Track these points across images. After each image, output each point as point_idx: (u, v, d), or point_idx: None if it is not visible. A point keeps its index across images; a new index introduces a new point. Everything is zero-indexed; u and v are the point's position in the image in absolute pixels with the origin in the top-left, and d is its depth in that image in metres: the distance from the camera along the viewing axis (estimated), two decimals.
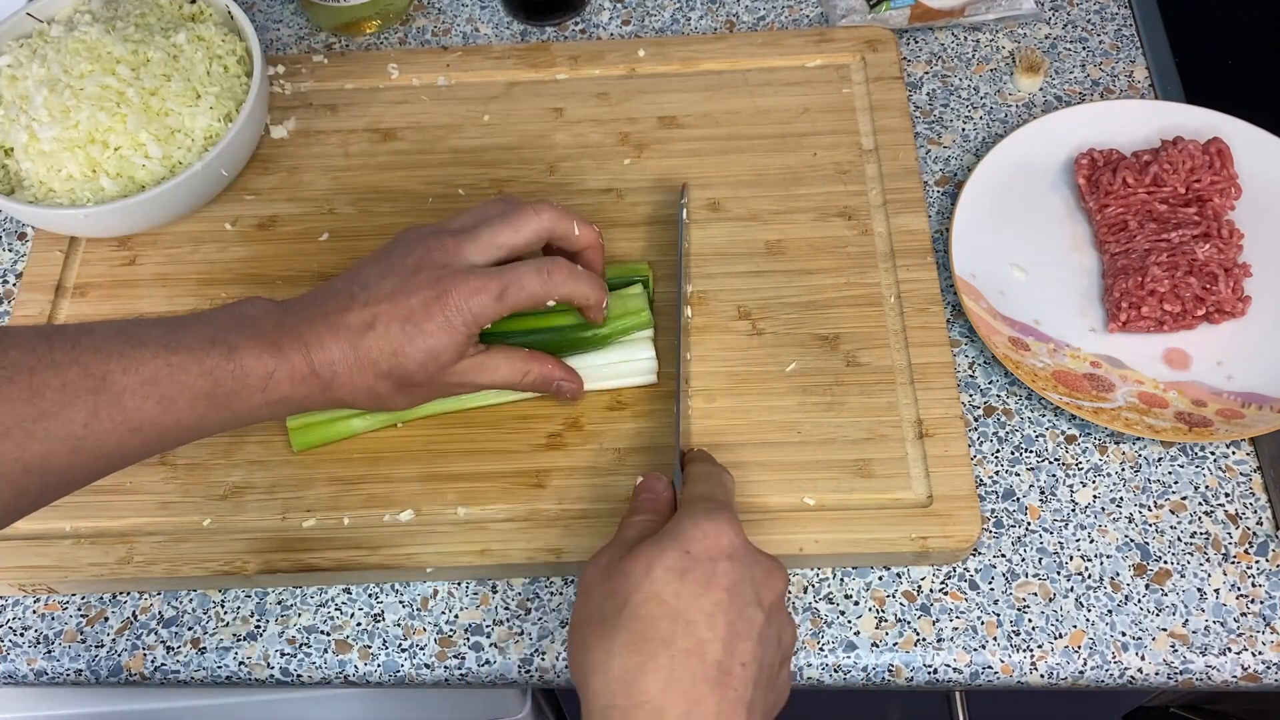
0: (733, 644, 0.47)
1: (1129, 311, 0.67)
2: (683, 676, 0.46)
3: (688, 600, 0.48)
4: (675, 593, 0.48)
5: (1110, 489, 0.65)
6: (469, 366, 0.59)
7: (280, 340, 0.55)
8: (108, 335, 0.52)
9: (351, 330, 0.56)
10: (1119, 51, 0.83)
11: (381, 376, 0.57)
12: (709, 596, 0.48)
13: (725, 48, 0.81)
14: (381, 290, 0.57)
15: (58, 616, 0.64)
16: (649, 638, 0.47)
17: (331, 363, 0.56)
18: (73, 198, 0.71)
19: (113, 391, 0.50)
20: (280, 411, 0.57)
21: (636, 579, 0.49)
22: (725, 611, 0.48)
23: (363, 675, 0.62)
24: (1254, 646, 0.60)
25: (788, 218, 0.73)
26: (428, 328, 0.56)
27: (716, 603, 0.48)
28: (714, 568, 0.49)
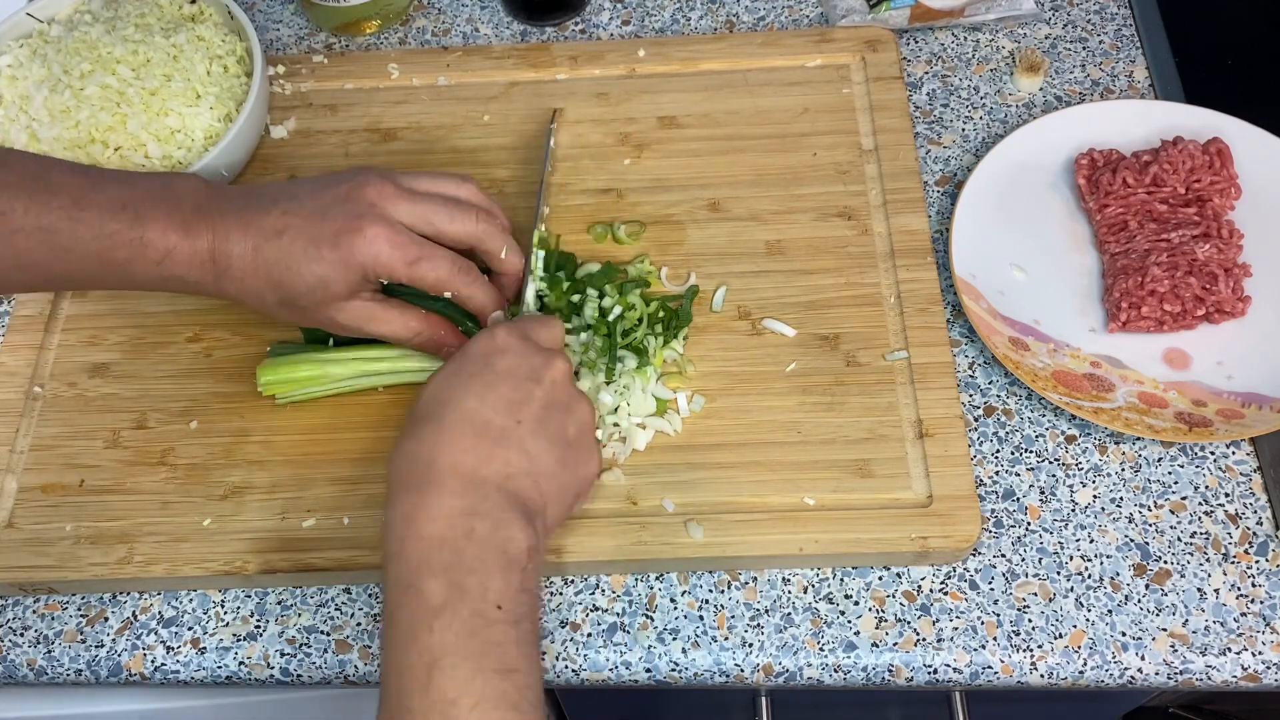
0: (506, 409, 0.53)
1: (1129, 311, 0.67)
2: (450, 436, 0.52)
3: (460, 386, 0.54)
4: (449, 388, 0.54)
5: (1110, 489, 0.65)
6: (360, 309, 0.61)
7: (192, 222, 0.57)
8: (24, 174, 0.57)
9: (261, 232, 0.58)
10: (1119, 51, 0.83)
11: (272, 285, 0.58)
12: (481, 379, 0.54)
13: (725, 48, 0.81)
14: (304, 205, 0.58)
15: (58, 616, 0.64)
16: (422, 420, 0.53)
17: (230, 255, 0.57)
18: None
19: (6, 229, 0.54)
20: (173, 286, 0.59)
21: (419, 395, 0.55)
22: (497, 387, 0.54)
23: (363, 675, 0.62)
24: (1254, 646, 0.60)
25: (788, 218, 0.73)
26: (328, 255, 0.57)
27: (487, 383, 0.54)
28: (485, 360, 0.55)
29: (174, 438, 0.67)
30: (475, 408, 0.53)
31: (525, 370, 0.55)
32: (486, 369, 0.54)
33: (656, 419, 0.65)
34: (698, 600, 0.62)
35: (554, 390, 0.56)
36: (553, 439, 0.54)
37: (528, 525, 0.52)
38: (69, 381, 0.69)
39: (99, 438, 0.67)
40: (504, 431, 0.53)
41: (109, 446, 0.67)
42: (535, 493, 0.53)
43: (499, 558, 0.50)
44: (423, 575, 0.49)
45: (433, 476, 0.51)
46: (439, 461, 0.51)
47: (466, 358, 0.55)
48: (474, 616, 0.48)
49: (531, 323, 0.59)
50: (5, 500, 0.65)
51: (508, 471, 0.52)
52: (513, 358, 0.55)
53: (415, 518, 0.50)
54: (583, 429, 0.57)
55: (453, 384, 0.54)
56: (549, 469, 0.54)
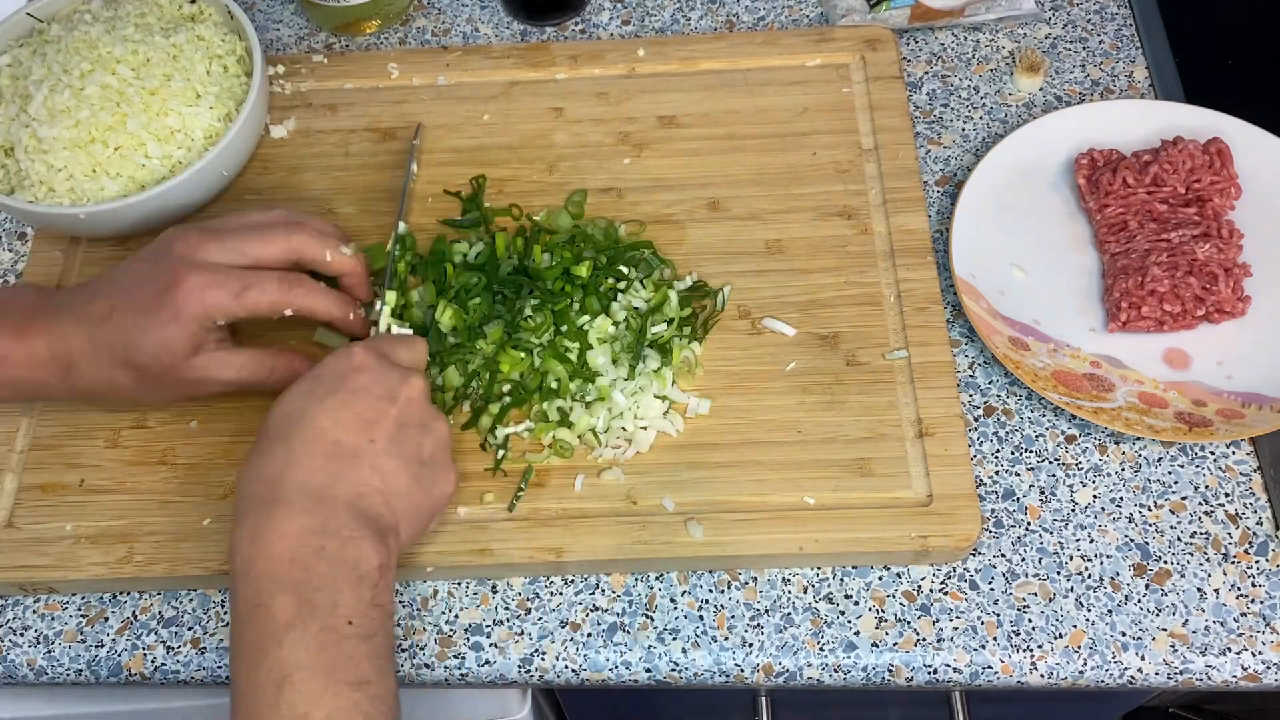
0: (359, 427, 0.53)
1: (1129, 311, 0.67)
2: (300, 455, 0.52)
3: (314, 405, 0.54)
4: (301, 407, 0.54)
5: (1110, 489, 0.65)
6: (209, 362, 0.61)
7: (26, 327, 0.58)
8: None
9: (92, 320, 0.58)
10: (1119, 51, 0.83)
11: (119, 365, 0.59)
12: (334, 398, 0.54)
13: (725, 47, 0.81)
14: (122, 282, 0.59)
15: (58, 616, 0.64)
16: (272, 439, 0.53)
17: (70, 351, 0.58)
18: (73, 197, 0.71)
19: None
20: (21, 393, 0.60)
21: (271, 411, 0.55)
22: (351, 406, 0.54)
23: None
24: (1254, 646, 0.60)
25: (787, 217, 0.73)
26: (159, 317, 0.58)
27: (341, 401, 0.54)
28: (339, 378, 0.55)
29: (174, 437, 0.67)
30: (327, 426, 0.53)
31: (380, 389, 0.55)
32: (341, 387, 0.54)
33: (659, 419, 0.65)
34: (698, 600, 0.62)
35: (409, 409, 0.55)
36: (407, 458, 0.55)
37: (379, 542, 0.52)
38: None
39: (99, 437, 0.67)
40: (356, 450, 0.53)
41: (109, 446, 0.67)
42: (387, 510, 0.53)
43: (349, 574, 0.50)
44: (272, 593, 0.49)
45: (281, 495, 0.51)
46: (287, 480, 0.51)
47: (321, 376, 0.55)
48: (324, 631, 0.48)
49: (391, 342, 0.60)
50: (5, 500, 0.65)
51: (359, 490, 0.52)
52: (368, 376, 0.55)
53: (263, 536, 0.50)
54: (438, 447, 0.57)
55: (305, 402, 0.54)
56: (402, 488, 0.54)
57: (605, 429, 0.64)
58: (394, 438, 0.54)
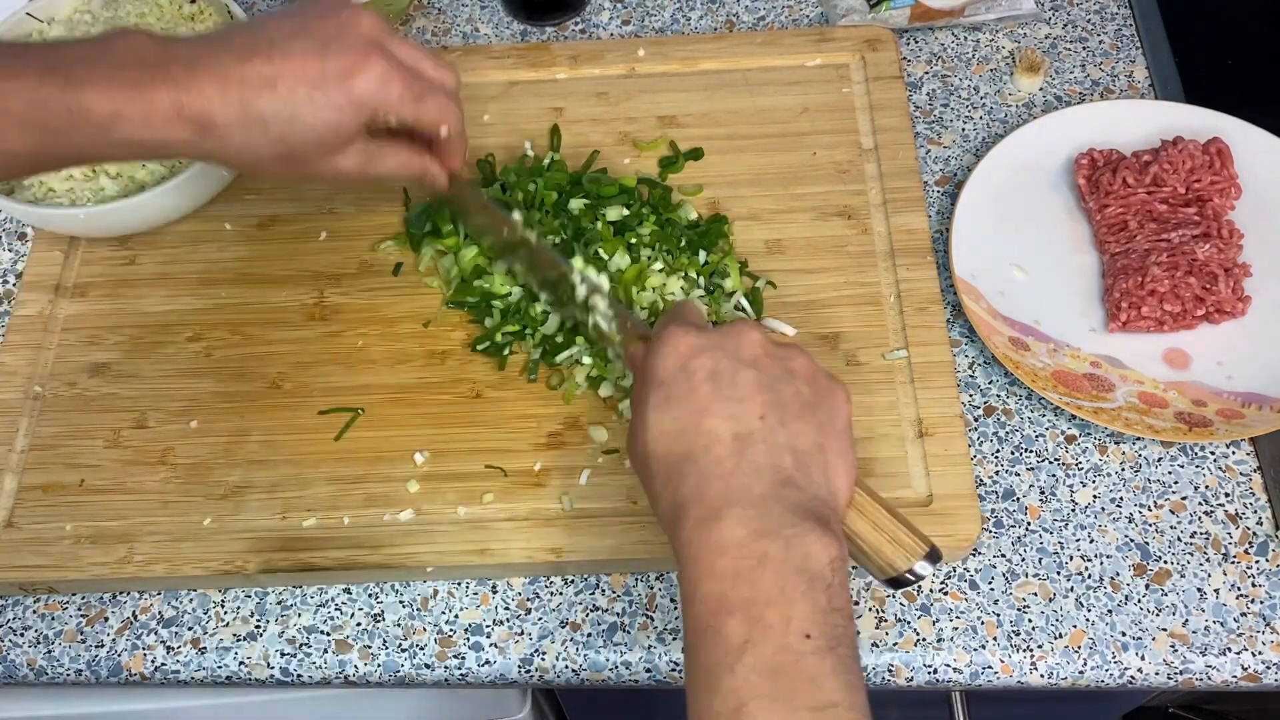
0: (736, 411, 0.49)
1: (1129, 311, 0.67)
2: (706, 472, 0.48)
3: (683, 415, 0.49)
4: (672, 419, 0.49)
5: (1110, 489, 0.65)
6: (363, 152, 0.58)
7: (144, 80, 0.51)
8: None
9: (247, 84, 0.52)
10: (1119, 51, 0.83)
11: (270, 142, 0.54)
12: (696, 398, 0.49)
13: (725, 47, 0.81)
14: (294, 49, 0.53)
15: (58, 616, 0.64)
16: (673, 470, 0.49)
17: (208, 110, 0.52)
18: (72, 198, 0.71)
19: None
20: (137, 154, 0.54)
21: (643, 442, 0.50)
22: (716, 396, 0.49)
23: (363, 675, 0.62)
24: (1254, 646, 0.60)
25: (787, 217, 0.73)
26: (338, 99, 0.53)
27: (705, 396, 0.49)
28: (687, 372, 0.50)
29: (174, 437, 0.67)
30: (715, 425, 0.49)
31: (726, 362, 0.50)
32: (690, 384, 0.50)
33: None
34: None
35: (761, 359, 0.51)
36: (796, 411, 0.50)
37: (824, 532, 0.46)
38: (69, 381, 0.69)
39: (99, 437, 0.67)
40: (754, 435, 0.48)
41: (109, 446, 0.67)
42: (815, 485, 0.48)
43: (798, 580, 0.45)
44: (719, 615, 0.45)
45: (706, 511, 0.47)
46: (707, 496, 0.47)
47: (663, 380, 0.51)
48: (779, 652, 0.43)
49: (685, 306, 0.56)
50: (5, 500, 0.65)
51: (780, 478, 0.48)
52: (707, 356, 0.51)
53: (702, 557, 0.46)
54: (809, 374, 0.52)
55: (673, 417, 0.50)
56: (812, 446, 0.49)
57: None
58: (775, 401, 0.49)
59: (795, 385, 0.51)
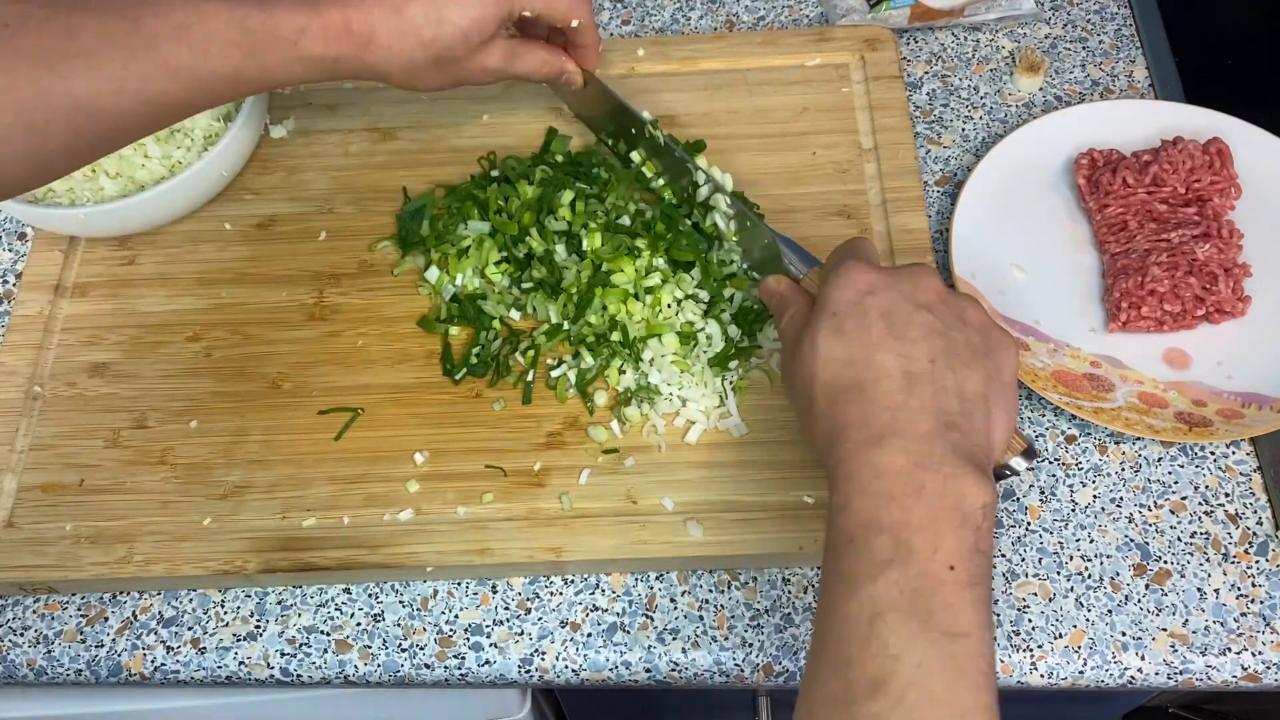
0: (908, 350, 0.50)
1: (1129, 311, 0.67)
2: (873, 402, 0.49)
3: (856, 345, 0.51)
4: (843, 346, 0.51)
5: (1110, 489, 0.65)
6: (504, 49, 0.63)
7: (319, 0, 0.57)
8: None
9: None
10: (1119, 51, 0.83)
11: (422, 45, 0.59)
12: (869, 332, 0.51)
13: (725, 47, 0.81)
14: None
15: (58, 616, 0.64)
16: (838, 395, 0.51)
17: (371, 24, 0.57)
18: (72, 198, 0.71)
19: (145, 34, 0.52)
20: (313, 71, 0.58)
21: (809, 367, 0.52)
22: (889, 333, 0.51)
23: (363, 675, 0.62)
24: (1254, 646, 0.60)
25: (787, 217, 0.73)
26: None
27: (880, 331, 0.51)
28: (862, 307, 0.52)
29: (174, 437, 0.67)
30: (887, 360, 0.50)
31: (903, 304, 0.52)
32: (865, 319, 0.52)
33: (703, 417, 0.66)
34: (698, 600, 0.62)
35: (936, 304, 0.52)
36: (965, 358, 0.51)
37: (981, 477, 0.48)
38: (69, 381, 0.69)
39: (99, 437, 0.67)
40: (924, 376, 0.50)
41: (109, 446, 0.67)
42: (976, 432, 0.50)
43: (952, 515, 0.46)
44: (869, 531, 0.46)
45: (869, 436, 0.49)
46: (873, 421, 0.49)
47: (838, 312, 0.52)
48: (921, 576, 0.45)
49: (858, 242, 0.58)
50: (5, 500, 0.65)
51: (945, 419, 0.49)
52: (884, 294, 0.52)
53: (859, 474, 0.48)
54: (981, 324, 0.53)
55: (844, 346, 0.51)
56: (978, 393, 0.50)
57: None
58: (947, 347, 0.51)
59: (967, 334, 0.52)
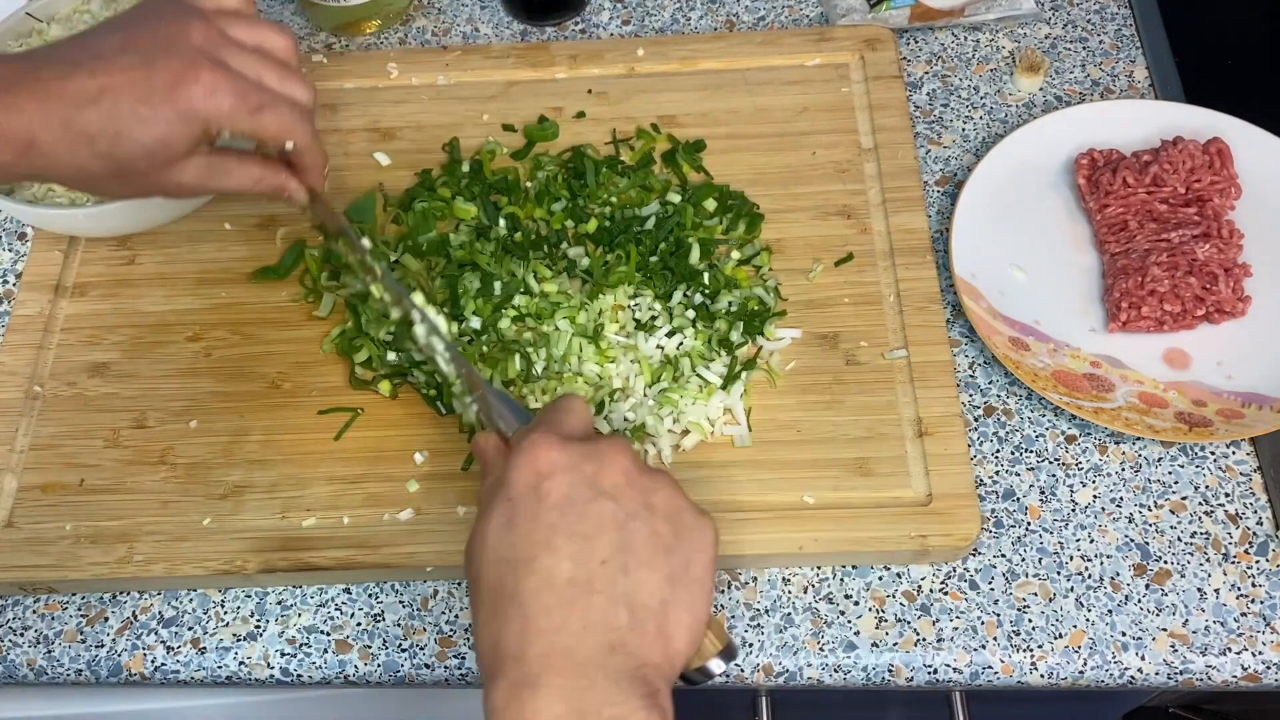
0: (579, 550, 0.45)
1: (1129, 311, 0.67)
2: (535, 614, 0.44)
3: (522, 543, 0.46)
4: (510, 544, 0.46)
5: (1110, 489, 0.65)
6: (202, 166, 0.55)
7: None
8: None
9: (67, 100, 0.50)
10: (1119, 51, 0.83)
11: (99, 156, 0.52)
12: (539, 526, 0.46)
13: (725, 47, 0.81)
14: (118, 63, 0.51)
15: (58, 616, 0.64)
16: (498, 608, 0.45)
17: (30, 130, 0.50)
18: (72, 197, 0.71)
19: None
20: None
21: (477, 555, 0.47)
22: (560, 528, 0.45)
23: (363, 675, 0.62)
24: (1254, 646, 0.60)
25: (787, 216, 0.73)
26: (165, 112, 0.51)
27: (550, 526, 0.46)
28: (536, 495, 0.46)
29: (174, 437, 0.67)
30: (550, 564, 0.45)
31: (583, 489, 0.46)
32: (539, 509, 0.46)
33: None
34: None
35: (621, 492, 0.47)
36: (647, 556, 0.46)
37: (651, 709, 0.43)
38: (69, 381, 0.69)
39: (99, 437, 0.67)
40: (590, 582, 0.45)
41: (109, 446, 0.67)
42: (649, 649, 0.45)
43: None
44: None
45: (526, 674, 0.43)
46: (529, 653, 0.44)
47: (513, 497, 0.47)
48: None
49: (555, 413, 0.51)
50: (5, 500, 0.65)
51: (609, 640, 0.44)
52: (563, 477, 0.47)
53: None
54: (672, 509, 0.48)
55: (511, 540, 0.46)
56: (655, 600, 0.45)
57: None
58: (624, 543, 0.45)
59: (653, 524, 0.47)
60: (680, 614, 0.46)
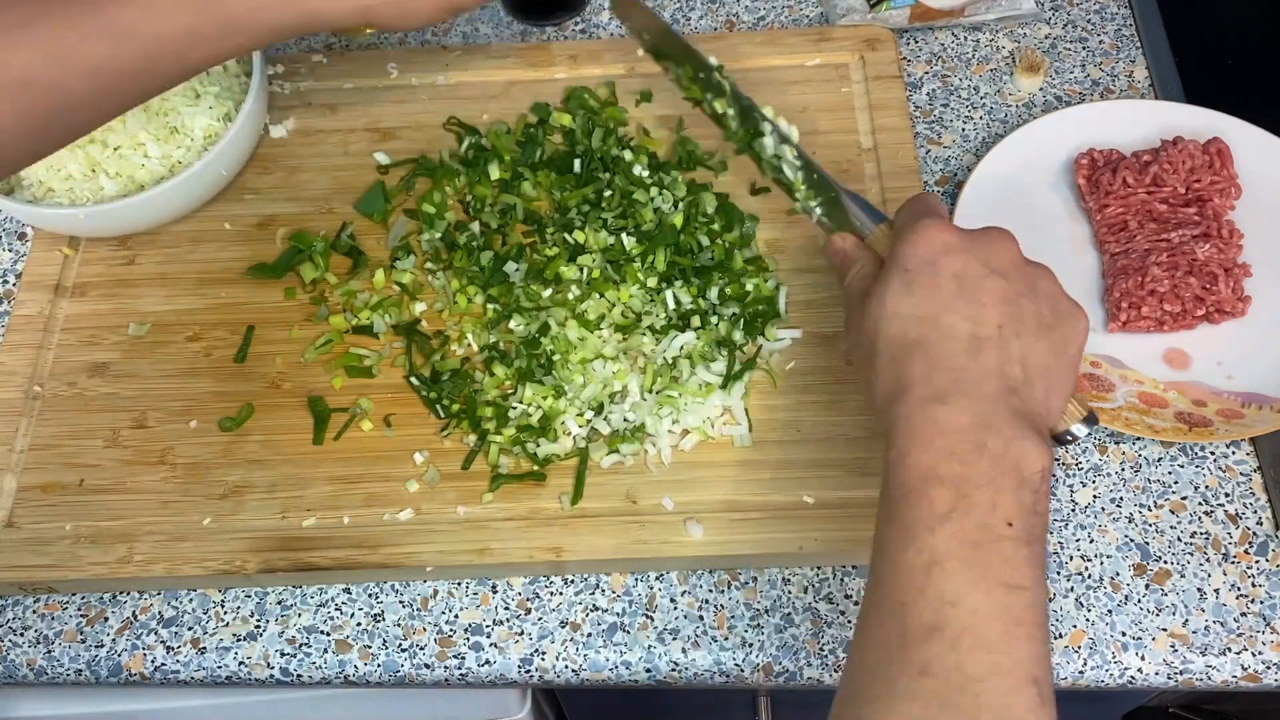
0: (977, 314, 0.50)
1: (1129, 311, 0.67)
2: (938, 361, 0.49)
3: (924, 304, 0.51)
4: (911, 304, 0.51)
5: (1110, 489, 0.65)
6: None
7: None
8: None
9: None
10: (1119, 51, 0.83)
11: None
12: (940, 292, 0.51)
13: (725, 47, 0.81)
14: None
15: (58, 616, 0.64)
16: (902, 351, 0.50)
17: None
18: (72, 197, 0.71)
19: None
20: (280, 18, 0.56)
21: (875, 321, 0.52)
22: (959, 295, 0.50)
23: (363, 675, 0.62)
24: (1254, 646, 0.60)
25: (787, 216, 0.73)
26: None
27: (950, 292, 0.50)
28: (935, 266, 0.51)
29: (173, 437, 0.67)
30: (956, 323, 0.50)
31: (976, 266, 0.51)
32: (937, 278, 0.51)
33: None
34: (698, 600, 0.62)
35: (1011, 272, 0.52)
36: (1034, 329, 0.51)
37: (1040, 444, 0.48)
38: (69, 381, 0.69)
39: (99, 437, 0.67)
40: (991, 342, 0.50)
41: (109, 446, 0.67)
42: (1037, 401, 0.50)
43: (1011, 476, 0.47)
44: (929, 483, 0.46)
45: (933, 393, 0.48)
46: (936, 380, 0.49)
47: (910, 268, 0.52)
48: (981, 529, 0.45)
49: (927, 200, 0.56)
50: (5, 500, 0.65)
51: (1009, 385, 0.49)
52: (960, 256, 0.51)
53: (920, 429, 0.48)
54: (1052, 296, 0.52)
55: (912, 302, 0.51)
56: (1041, 365, 0.50)
57: None
58: (1015, 314, 0.50)
59: (1037, 304, 0.51)
60: (1059, 379, 0.51)
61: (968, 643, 0.43)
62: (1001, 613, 0.44)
